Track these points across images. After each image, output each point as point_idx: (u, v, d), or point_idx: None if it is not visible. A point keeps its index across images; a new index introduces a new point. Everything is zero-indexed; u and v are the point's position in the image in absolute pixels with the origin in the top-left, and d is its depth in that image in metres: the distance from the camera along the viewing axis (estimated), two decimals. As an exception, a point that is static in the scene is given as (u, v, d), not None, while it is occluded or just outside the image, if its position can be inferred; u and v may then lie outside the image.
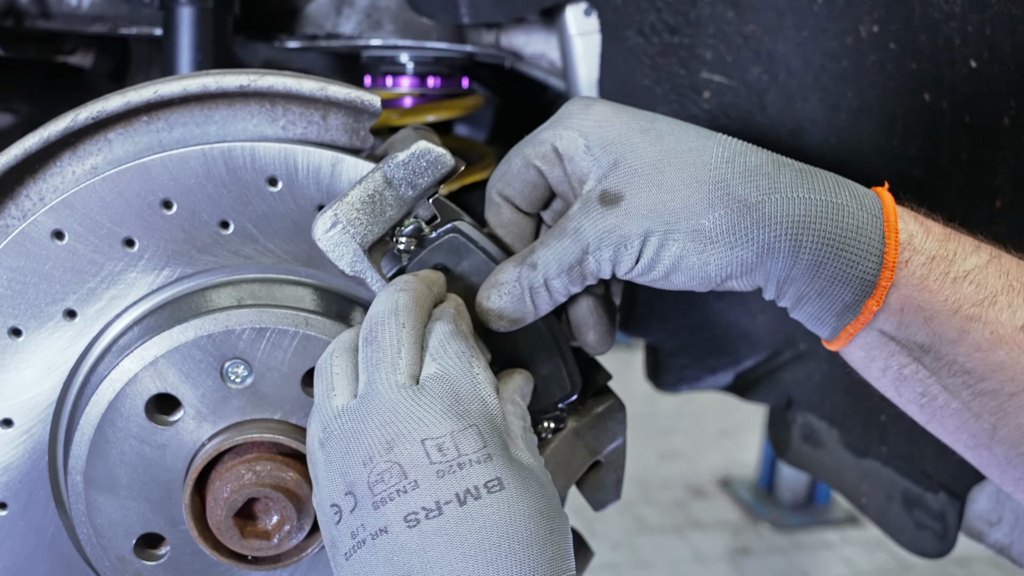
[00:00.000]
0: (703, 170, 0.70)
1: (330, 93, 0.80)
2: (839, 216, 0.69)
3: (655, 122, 0.73)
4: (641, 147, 0.71)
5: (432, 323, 0.70)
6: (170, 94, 0.77)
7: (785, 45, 1.16)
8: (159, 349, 0.76)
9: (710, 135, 0.73)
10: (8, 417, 0.79)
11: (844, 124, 1.15)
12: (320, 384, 0.70)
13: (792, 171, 0.71)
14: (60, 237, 0.76)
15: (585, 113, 0.74)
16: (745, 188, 0.69)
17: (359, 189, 0.74)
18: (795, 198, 0.69)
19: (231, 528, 0.76)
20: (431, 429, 0.64)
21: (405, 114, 1.17)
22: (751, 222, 0.69)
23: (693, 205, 0.70)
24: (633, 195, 0.71)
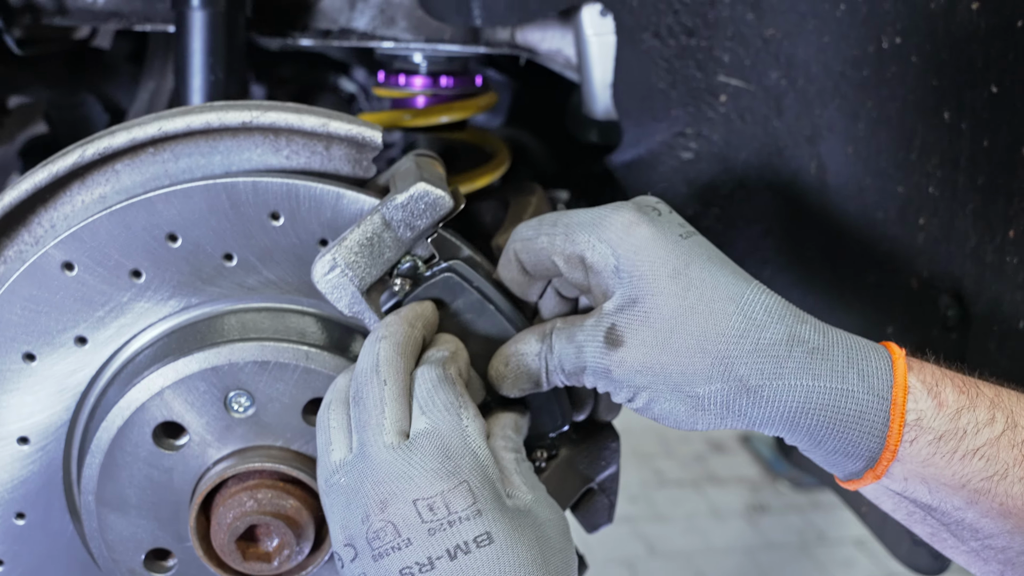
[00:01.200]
0: (713, 341, 0.69)
1: (331, 129, 0.81)
2: (842, 402, 0.69)
3: (690, 265, 0.71)
4: (665, 294, 0.70)
5: (420, 367, 0.72)
6: (174, 130, 0.79)
7: (805, 50, 1.14)
8: (165, 380, 0.79)
9: (739, 293, 0.70)
10: (24, 435, 0.84)
11: (862, 134, 1.13)
12: (320, 437, 0.73)
13: (803, 352, 0.69)
14: (70, 268, 0.79)
15: (626, 233, 0.72)
16: (748, 369, 0.69)
17: (357, 232, 0.76)
18: (797, 386, 0.69)
19: (233, 551, 0.80)
20: (422, 490, 0.67)
21: (418, 115, 1.17)
22: (747, 402, 0.69)
23: (692, 374, 0.69)
24: (635, 347, 0.70)
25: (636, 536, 3.48)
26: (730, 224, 1.24)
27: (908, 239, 1.11)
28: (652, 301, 0.70)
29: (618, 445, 0.89)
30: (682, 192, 1.23)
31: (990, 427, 0.69)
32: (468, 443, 0.69)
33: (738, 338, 0.69)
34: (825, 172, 1.18)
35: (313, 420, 0.82)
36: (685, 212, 1.24)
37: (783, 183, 1.20)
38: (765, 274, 1.26)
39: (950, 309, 1.08)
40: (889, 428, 0.69)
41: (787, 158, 1.19)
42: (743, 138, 1.19)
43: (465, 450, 0.69)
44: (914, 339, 1.13)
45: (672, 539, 3.48)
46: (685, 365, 0.70)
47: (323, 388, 0.81)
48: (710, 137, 1.20)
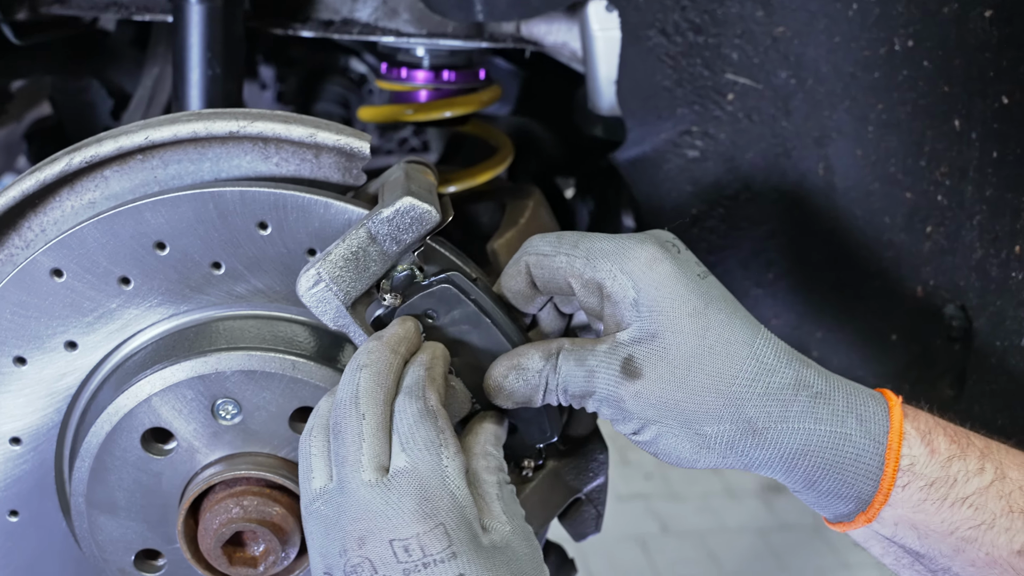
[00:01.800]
0: (727, 382, 0.72)
1: (319, 140, 0.81)
2: (840, 445, 0.72)
3: (708, 306, 0.73)
4: (684, 333, 0.72)
5: (400, 397, 0.72)
6: (161, 139, 0.79)
7: (815, 50, 1.12)
8: (152, 387, 0.80)
9: (752, 338, 0.73)
10: (16, 436, 0.86)
11: (871, 137, 1.12)
12: (302, 464, 0.73)
13: (807, 397, 0.72)
14: (59, 275, 0.80)
15: (649, 267, 0.73)
16: (757, 412, 0.72)
17: (343, 246, 0.76)
18: (800, 429, 0.72)
19: (220, 556, 0.82)
20: (398, 531, 0.67)
21: (420, 110, 1.17)
22: (751, 443, 0.73)
23: (704, 413, 0.72)
24: (652, 381, 0.72)
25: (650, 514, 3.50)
26: (735, 225, 1.23)
27: (914, 247, 1.10)
28: (672, 338, 0.72)
29: (606, 457, 0.90)
30: (687, 191, 1.22)
31: (979, 476, 0.72)
32: (447, 484, 0.69)
33: (750, 381, 0.72)
34: (833, 175, 1.17)
35: (300, 428, 0.83)
36: (689, 212, 1.24)
37: (790, 185, 1.19)
38: (769, 276, 1.25)
39: (954, 320, 1.07)
40: (883, 472, 0.72)
41: (794, 159, 1.18)
42: (750, 138, 1.18)
43: (443, 491, 0.69)
44: (918, 347, 1.13)
45: (686, 518, 3.49)
46: (698, 403, 0.72)
47: (310, 397, 0.82)
48: (716, 136, 1.19)
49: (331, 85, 1.66)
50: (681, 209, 1.24)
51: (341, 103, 1.67)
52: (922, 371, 1.12)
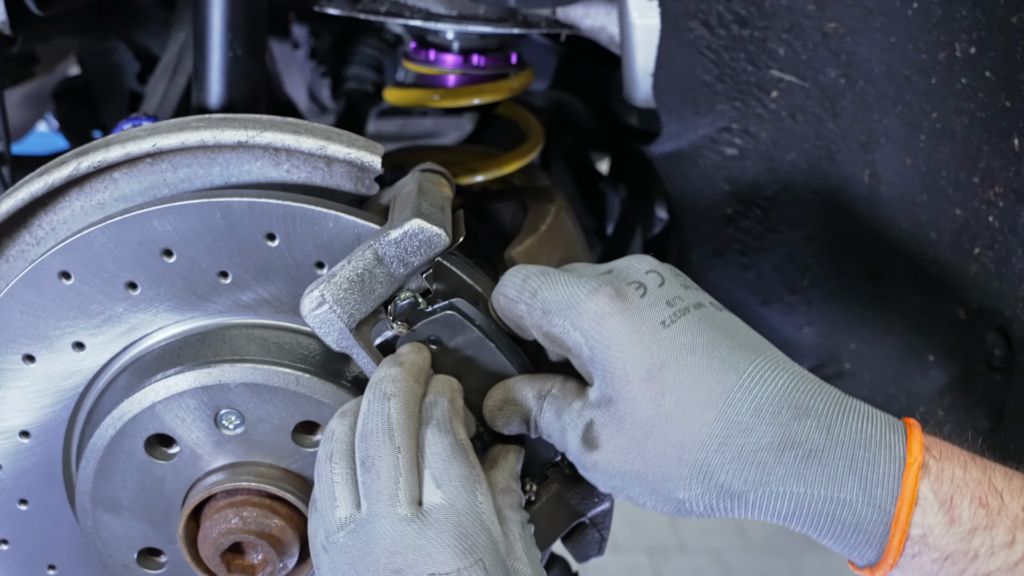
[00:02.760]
0: (690, 450, 0.67)
1: (329, 152, 0.80)
2: (835, 511, 0.66)
3: (666, 364, 0.67)
4: (638, 400, 0.68)
5: (427, 429, 0.71)
6: (169, 147, 0.79)
7: (869, 48, 1.07)
8: (156, 395, 0.82)
9: (725, 392, 0.67)
10: (25, 429, 0.88)
11: (922, 146, 1.07)
12: (322, 490, 0.72)
13: (795, 458, 0.66)
14: (67, 277, 0.81)
15: (599, 323, 0.69)
16: (729, 477, 0.67)
17: (348, 268, 0.76)
18: (785, 493, 0.66)
19: (218, 564, 0.84)
20: (438, 565, 0.67)
21: (446, 95, 1.15)
22: (731, 506, 0.68)
23: (669, 480, 0.68)
24: (609, 451, 0.70)
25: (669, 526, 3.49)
26: (771, 227, 1.20)
27: (960, 266, 1.06)
28: (625, 405, 0.68)
29: (613, 482, 0.89)
30: (723, 189, 1.19)
31: (1008, 551, 0.66)
32: (483, 520, 0.69)
33: (719, 446, 0.67)
34: (878, 182, 1.13)
35: (303, 441, 0.84)
36: (724, 211, 1.21)
37: (832, 189, 1.15)
38: (804, 282, 1.23)
39: (996, 348, 1.04)
40: (888, 542, 0.66)
41: (838, 163, 1.14)
42: (793, 138, 1.14)
43: (480, 528, 0.69)
44: (956, 371, 1.10)
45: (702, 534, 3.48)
46: (662, 472, 0.68)
47: (313, 412, 0.83)
48: (757, 135, 1.15)
49: (365, 48, 1.64)
50: (716, 207, 1.21)
51: (374, 67, 1.65)
52: (958, 397, 1.09)
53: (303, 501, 0.84)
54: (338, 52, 1.69)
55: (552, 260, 0.98)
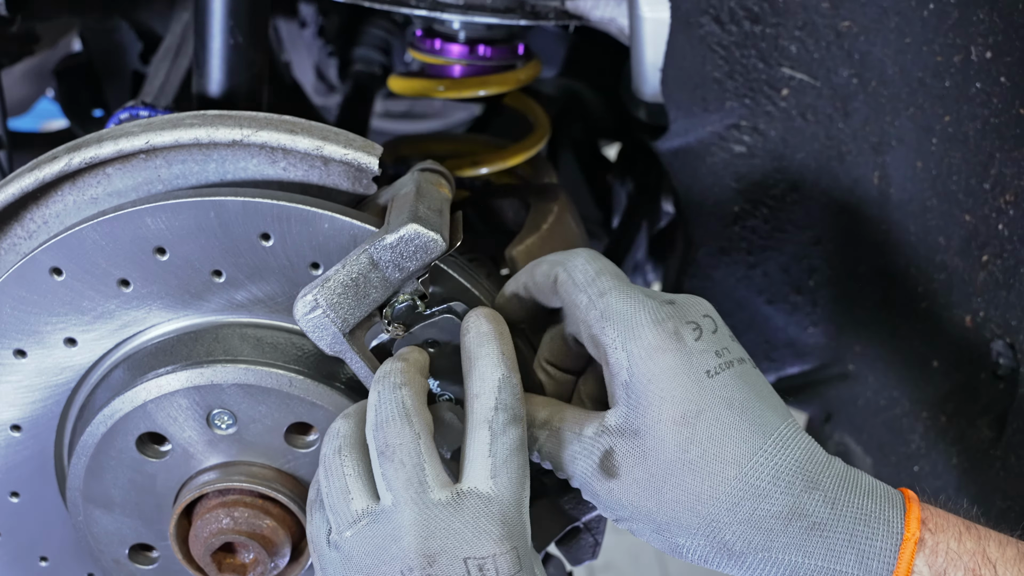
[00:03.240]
0: (704, 503, 0.68)
1: (326, 153, 0.79)
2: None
3: (702, 414, 0.68)
4: (667, 441, 0.68)
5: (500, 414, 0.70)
6: (162, 144, 0.78)
7: (883, 49, 1.05)
8: (148, 394, 0.81)
9: (749, 453, 0.68)
10: (16, 423, 0.88)
11: (934, 150, 1.05)
12: (333, 485, 0.71)
13: (800, 529, 0.68)
14: (59, 273, 0.81)
15: (649, 356, 0.69)
16: (735, 537, 0.68)
17: (343, 272, 0.75)
18: (784, 561, 0.68)
19: (209, 564, 0.84)
20: (475, 549, 0.67)
21: (452, 86, 1.13)
22: (727, 563, 0.69)
23: (676, 525, 0.69)
24: (628, 484, 0.70)
25: None
26: (779, 227, 1.19)
27: (968, 274, 1.05)
28: (652, 443, 0.69)
29: (608, 489, 0.89)
30: (731, 187, 1.17)
31: None
32: (522, 513, 0.70)
33: (732, 506, 0.68)
34: (888, 185, 1.11)
35: (296, 442, 0.84)
36: (731, 209, 1.19)
37: (841, 191, 1.13)
38: (810, 283, 1.21)
39: (1002, 357, 1.02)
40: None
41: (848, 165, 1.12)
42: (802, 137, 1.12)
43: (519, 519, 0.70)
44: (960, 379, 1.08)
45: None
46: (671, 516, 0.69)
47: (306, 414, 0.82)
48: (767, 133, 1.13)
49: (373, 28, 1.61)
50: (723, 205, 1.19)
51: (382, 48, 1.62)
52: (961, 404, 1.08)
53: (295, 502, 0.84)
54: (346, 32, 1.66)
55: (553, 261, 0.96)
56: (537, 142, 1.16)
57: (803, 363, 1.27)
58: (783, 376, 1.29)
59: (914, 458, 1.15)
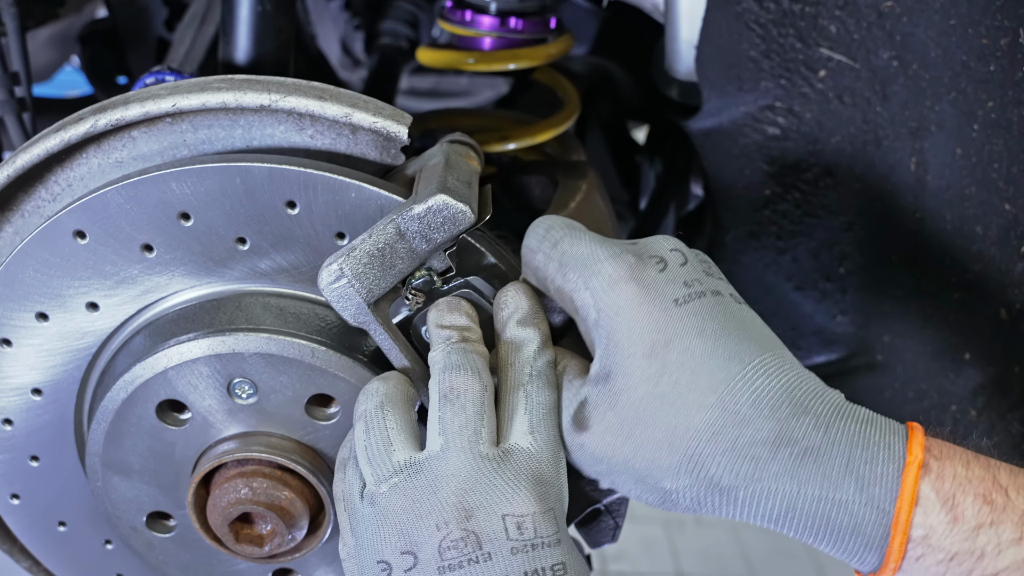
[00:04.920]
0: (682, 437, 0.65)
1: (355, 120, 0.78)
2: (830, 512, 0.64)
3: (671, 342, 0.65)
4: (636, 375, 0.65)
5: (536, 381, 0.70)
6: (189, 107, 0.77)
7: (926, 31, 1.02)
8: (169, 361, 0.81)
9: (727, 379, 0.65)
10: (38, 387, 0.88)
11: (975, 136, 1.03)
12: (374, 437, 0.70)
13: (790, 455, 0.64)
14: (82, 236, 0.80)
15: (611, 288, 0.66)
16: (720, 470, 0.65)
17: (369, 242, 0.74)
18: (778, 491, 0.64)
19: (227, 533, 0.83)
20: (514, 506, 0.66)
21: (481, 59, 1.12)
22: (719, 501, 0.66)
23: (657, 468, 0.66)
24: (598, 433, 0.68)
25: None
26: (811, 211, 1.17)
27: (1005, 265, 1.03)
28: (623, 381, 0.66)
29: (631, 471, 0.88)
30: (762, 170, 1.16)
31: (1016, 547, 0.63)
32: (560, 475, 0.70)
33: (712, 435, 0.65)
34: (926, 171, 1.09)
35: (316, 414, 0.83)
36: (762, 192, 1.18)
37: (876, 176, 1.12)
38: (841, 270, 1.19)
39: (1037, 351, 1.01)
40: (889, 544, 0.64)
41: (885, 150, 1.10)
42: (839, 121, 1.10)
43: (557, 480, 0.69)
44: (992, 372, 1.07)
45: None
46: (649, 459, 0.66)
47: (328, 385, 0.82)
48: (802, 115, 1.11)
49: (401, 1, 1.60)
50: (754, 188, 1.17)
51: (410, 22, 1.61)
52: (992, 398, 1.06)
53: (314, 474, 0.83)
54: (374, 5, 1.65)
55: (580, 239, 0.95)
56: (567, 119, 1.15)
57: (830, 352, 1.25)
58: (809, 365, 1.27)
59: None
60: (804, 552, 3.09)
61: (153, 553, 0.91)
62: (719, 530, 3.07)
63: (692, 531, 3.03)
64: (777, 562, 3.01)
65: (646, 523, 3.00)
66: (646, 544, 2.88)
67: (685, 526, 3.05)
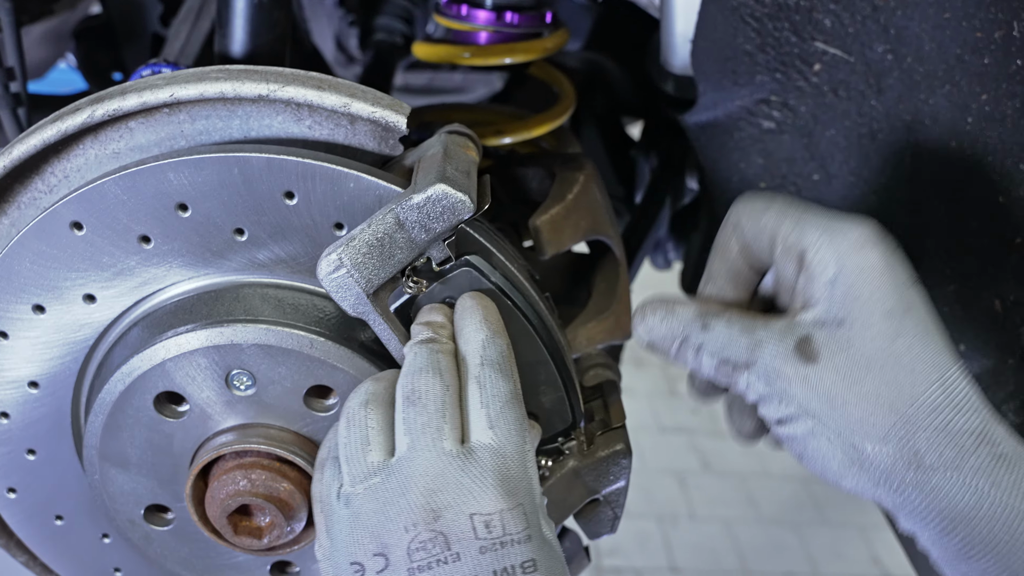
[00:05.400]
0: (904, 400, 0.66)
1: (353, 111, 0.77)
2: (1016, 523, 0.64)
3: (909, 312, 0.68)
4: (874, 329, 0.67)
5: (489, 371, 0.70)
6: (187, 97, 0.77)
7: (920, 24, 1.03)
8: (167, 353, 0.80)
9: (946, 365, 0.67)
10: (34, 380, 0.87)
11: (969, 129, 1.03)
12: (353, 436, 0.71)
13: (989, 454, 0.65)
14: (79, 228, 0.80)
15: (858, 251, 0.70)
16: (928, 447, 0.66)
17: (368, 231, 0.74)
18: (972, 486, 0.65)
19: (225, 525, 0.83)
20: (481, 505, 0.66)
21: (477, 53, 1.12)
22: (911, 480, 0.66)
23: (869, 426, 0.67)
24: (827, 370, 0.68)
25: (692, 449, 3.51)
26: (806, 205, 1.17)
27: (999, 256, 1.03)
28: (859, 331, 0.68)
29: (629, 462, 0.88)
30: (757, 163, 1.16)
31: None
32: (527, 468, 0.69)
33: (931, 410, 0.66)
34: (920, 165, 1.09)
35: (315, 405, 0.83)
36: (757, 185, 1.18)
37: (871, 170, 1.12)
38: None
39: (1032, 342, 1.01)
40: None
41: (879, 143, 1.10)
42: (834, 114, 1.10)
43: (524, 474, 0.69)
44: (987, 363, 1.07)
45: (728, 457, 3.50)
46: (866, 412, 0.67)
47: (326, 376, 0.82)
48: (797, 109, 1.12)
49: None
50: (749, 182, 1.17)
51: (404, 18, 1.61)
52: (987, 389, 1.07)
53: (313, 465, 0.83)
54: (367, 1, 1.65)
55: (578, 230, 0.95)
56: (563, 112, 1.15)
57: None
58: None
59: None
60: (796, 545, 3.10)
61: (151, 546, 0.90)
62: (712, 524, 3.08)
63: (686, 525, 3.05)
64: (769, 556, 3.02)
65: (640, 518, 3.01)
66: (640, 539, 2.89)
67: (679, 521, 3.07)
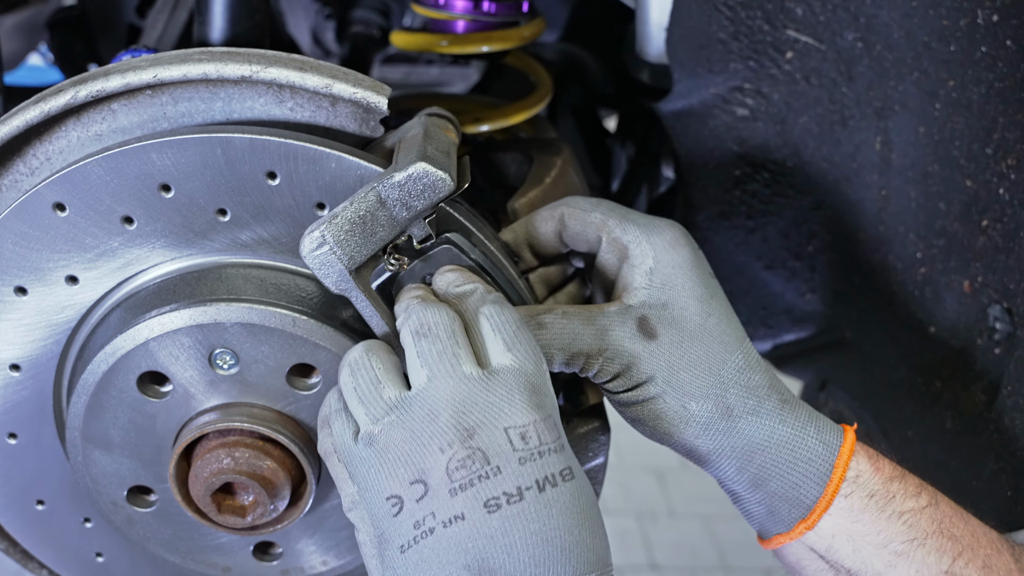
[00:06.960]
0: (718, 364, 0.82)
1: (335, 91, 0.79)
2: (796, 446, 0.81)
3: (714, 297, 0.84)
4: (691, 310, 0.82)
5: (486, 307, 0.73)
6: (170, 78, 0.78)
7: (889, 12, 1.06)
8: (150, 332, 0.82)
9: (741, 339, 0.84)
10: (16, 363, 0.88)
11: (937, 115, 1.07)
12: (362, 379, 0.72)
13: (778, 400, 0.83)
14: (62, 209, 0.81)
15: (671, 248, 0.84)
16: (736, 399, 0.82)
17: (351, 209, 0.76)
18: (766, 425, 0.82)
19: (209, 504, 0.84)
20: (514, 418, 0.68)
21: (455, 41, 1.14)
22: (724, 428, 0.81)
23: (694, 388, 0.81)
24: (665, 343, 0.81)
25: None
26: (780, 191, 1.20)
27: (967, 239, 1.06)
28: (679, 312, 0.82)
29: (608, 439, 0.90)
30: (732, 151, 1.19)
31: (916, 499, 0.81)
32: (548, 384, 0.72)
33: (738, 371, 0.82)
34: (890, 150, 1.12)
35: (297, 384, 0.85)
36: (732, 173, 1.21)
37: (843, 155, 1.15)
38: (809, 249, 1.23)
39: (999, 322, 1.05)
40: (831, 477, 0.80)
41: (851, 129, 1.14)
42: (806, 101, 1.14)
43: (547, 389, 0.72)
44: (956, 344, 1.10)
45: None
46: (693, 376, 0.81)
47: (309, 355, 0.83)
48: (770, 96, 1.15)
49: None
50: (724, 169, 1.20)
51: (381, 11, 1.63)
52: (957, 370, 1.10)
53: (296, 444, 0.84)
54: (345, -6, 1.67)
55: (556, 213, 0.97)
56: (539, 101, 1.17)
57: (800, 330, 1.29)
58: (780, 343, 1.31)
59: (908, 423, 1.17)
60: (775, 542, 3.12)
61: (134, 529, 0.91)
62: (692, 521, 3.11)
63: (665, 522, 3.07)
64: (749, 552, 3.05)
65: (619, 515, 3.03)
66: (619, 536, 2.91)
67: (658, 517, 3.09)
